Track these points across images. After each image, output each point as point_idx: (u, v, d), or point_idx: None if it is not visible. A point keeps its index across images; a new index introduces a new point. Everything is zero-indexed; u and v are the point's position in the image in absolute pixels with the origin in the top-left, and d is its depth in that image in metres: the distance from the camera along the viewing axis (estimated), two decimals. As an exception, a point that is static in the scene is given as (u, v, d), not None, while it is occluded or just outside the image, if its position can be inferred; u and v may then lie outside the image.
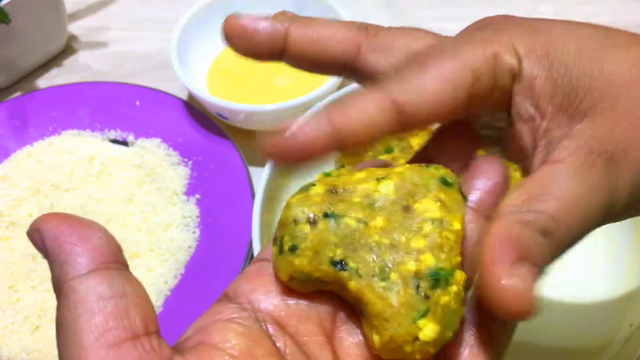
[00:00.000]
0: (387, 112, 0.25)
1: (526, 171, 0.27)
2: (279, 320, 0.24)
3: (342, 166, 0.56)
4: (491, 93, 0.26)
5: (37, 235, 0.23)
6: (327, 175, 0.31)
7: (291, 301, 0.25)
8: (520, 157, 0.27)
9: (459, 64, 0.25)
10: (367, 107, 0.25)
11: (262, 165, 0.51)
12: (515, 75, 0.26)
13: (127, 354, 0.21)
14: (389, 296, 0.23)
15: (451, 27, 0.82)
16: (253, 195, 0.55)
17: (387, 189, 0.25)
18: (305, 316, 0.25)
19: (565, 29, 0.27)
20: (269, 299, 0.25)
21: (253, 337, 0.23)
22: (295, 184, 0.55)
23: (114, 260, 0.23)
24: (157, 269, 0.53)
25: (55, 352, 0.51)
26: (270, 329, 0.24)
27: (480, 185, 0.27)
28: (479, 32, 0.28)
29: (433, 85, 0.25)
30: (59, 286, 0.22)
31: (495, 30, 0.27)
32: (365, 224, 0.24)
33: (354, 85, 0.55)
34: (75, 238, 0.22)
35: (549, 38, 0.26)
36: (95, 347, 0.21)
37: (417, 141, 0.54)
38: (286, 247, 0.25)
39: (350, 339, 0.25)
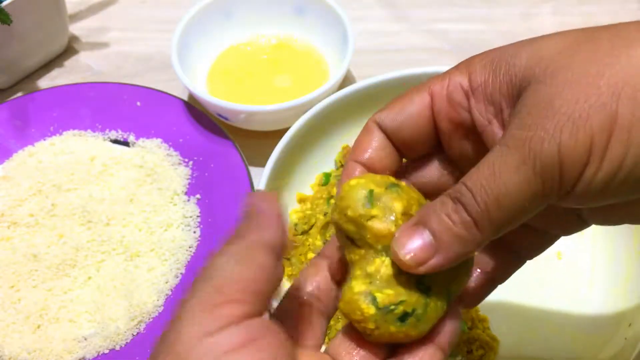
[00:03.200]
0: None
1: None
2: None
3: (342, 166, 0.56)
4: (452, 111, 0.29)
5: None
6: (327, 174, 0.32)
7: None
8: None
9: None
10: None
11: (262, 165, 0.51)
12: (467, 91, 0.29)
13: None
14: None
15: (451, 27, 0.83)
16: (253, 195, 0.55)
17: None
18: None
19: (514, 44, 0.28)
20: None
21: None
22: (295, 185, 0.55)
23: None
24: (158, 268, 0.53)
25: (56, 351, 0.51)
26: None
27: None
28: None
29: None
30: None
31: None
32: None
33: (354, 86, 0.55)
34: None
35: (495, 51, 0.28)
36: None
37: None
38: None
39: None
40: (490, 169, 0.25)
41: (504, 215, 0.25)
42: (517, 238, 0.32)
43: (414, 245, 0.26)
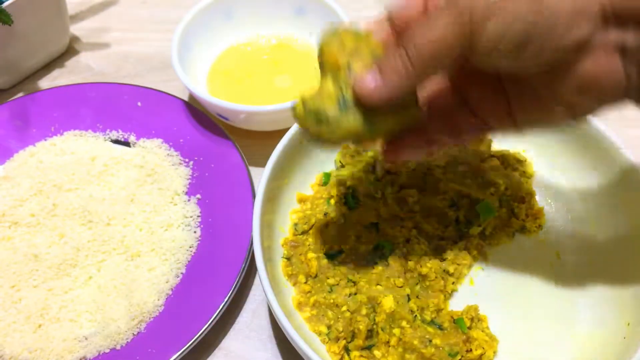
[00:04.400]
0: None
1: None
2: None
3: (342, 166, 0.56)
4: None
5: None
6: (327, 174, 0.32)
7: None
8: None
9: None
10: None
11: (263, 165, 0.51)
12: None
13: None
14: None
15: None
16: (253, 195, 0.55)
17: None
18: None
19: None
20: None
21: None
22: (295, 185, 0.55)
23: None
24: (158, 268, 0.53)
25: (56, 350, 0.51)
26: None
27: None
28: None
29: None
30: None
31: None
32: None
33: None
34: None
35: None
36: None
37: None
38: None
39: None
40: (427, 20, 0.35)
41: (430, 50, 0.34)
42: (462, 120, 0.41)
43: (365, 79, 0.36)
